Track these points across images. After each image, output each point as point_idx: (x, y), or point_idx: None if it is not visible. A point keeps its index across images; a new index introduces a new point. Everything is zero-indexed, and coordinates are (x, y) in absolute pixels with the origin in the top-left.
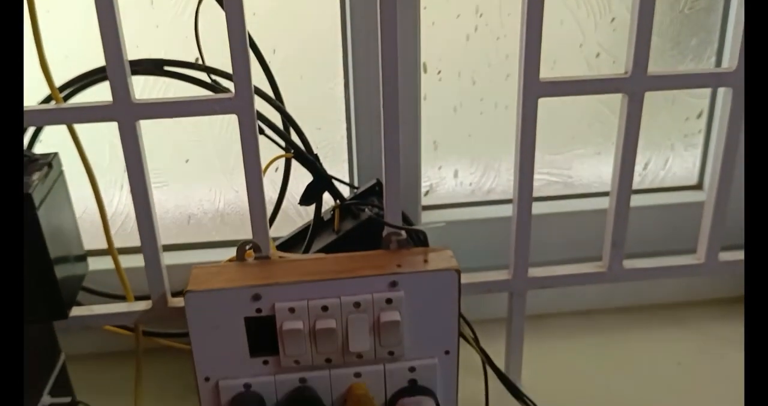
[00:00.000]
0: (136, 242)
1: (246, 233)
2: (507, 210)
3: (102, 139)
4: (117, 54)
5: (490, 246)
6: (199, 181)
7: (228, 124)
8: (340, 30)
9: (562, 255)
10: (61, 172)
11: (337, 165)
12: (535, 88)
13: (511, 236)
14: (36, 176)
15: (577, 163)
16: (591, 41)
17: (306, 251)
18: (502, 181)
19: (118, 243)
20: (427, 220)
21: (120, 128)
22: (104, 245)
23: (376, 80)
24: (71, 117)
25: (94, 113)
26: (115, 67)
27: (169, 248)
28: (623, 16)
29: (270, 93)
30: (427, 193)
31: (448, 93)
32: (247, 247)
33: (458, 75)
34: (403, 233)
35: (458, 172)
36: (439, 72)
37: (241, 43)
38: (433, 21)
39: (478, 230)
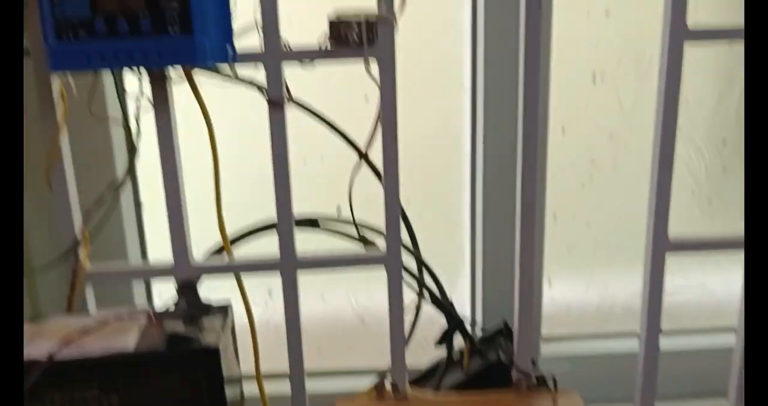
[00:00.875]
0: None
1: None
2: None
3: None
4: (287, 214)
5: (608, 379)
6: None
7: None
8: (469, 187)
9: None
10: (232, 321)
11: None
12: (662, 243)
13: (638, 374)
14: (217, 325)
15: None
16: (703, 189)
17: (437, 388)
18: None
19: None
20: (546, 352)
21: (283, 278)
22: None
23: (504, 230)
24: (245, 268)
25: (264, 266)
26: (285, 227)
27: None
28: (734, 165)
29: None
30: None
31: (563, 235)
32: (385, 380)
33: (573, 217)
34: (534, 378)
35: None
36: (556, 216)
37: (394, 211)
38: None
39: (596, 363)
